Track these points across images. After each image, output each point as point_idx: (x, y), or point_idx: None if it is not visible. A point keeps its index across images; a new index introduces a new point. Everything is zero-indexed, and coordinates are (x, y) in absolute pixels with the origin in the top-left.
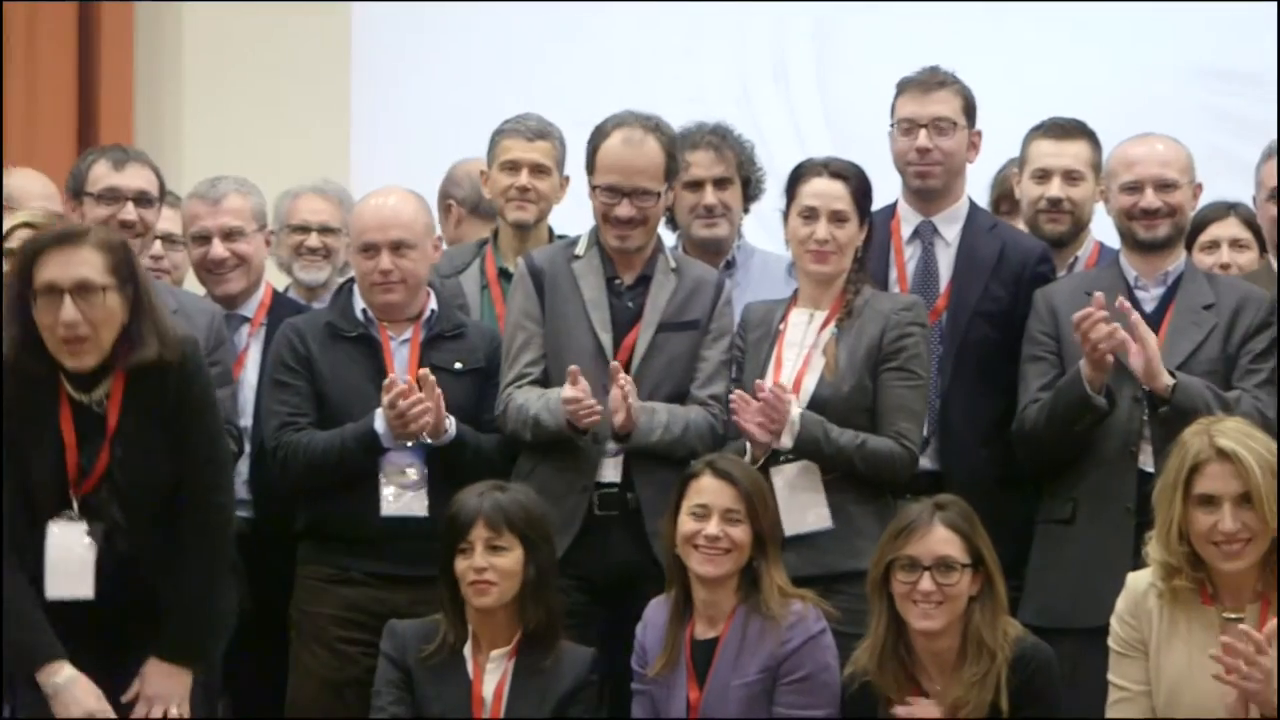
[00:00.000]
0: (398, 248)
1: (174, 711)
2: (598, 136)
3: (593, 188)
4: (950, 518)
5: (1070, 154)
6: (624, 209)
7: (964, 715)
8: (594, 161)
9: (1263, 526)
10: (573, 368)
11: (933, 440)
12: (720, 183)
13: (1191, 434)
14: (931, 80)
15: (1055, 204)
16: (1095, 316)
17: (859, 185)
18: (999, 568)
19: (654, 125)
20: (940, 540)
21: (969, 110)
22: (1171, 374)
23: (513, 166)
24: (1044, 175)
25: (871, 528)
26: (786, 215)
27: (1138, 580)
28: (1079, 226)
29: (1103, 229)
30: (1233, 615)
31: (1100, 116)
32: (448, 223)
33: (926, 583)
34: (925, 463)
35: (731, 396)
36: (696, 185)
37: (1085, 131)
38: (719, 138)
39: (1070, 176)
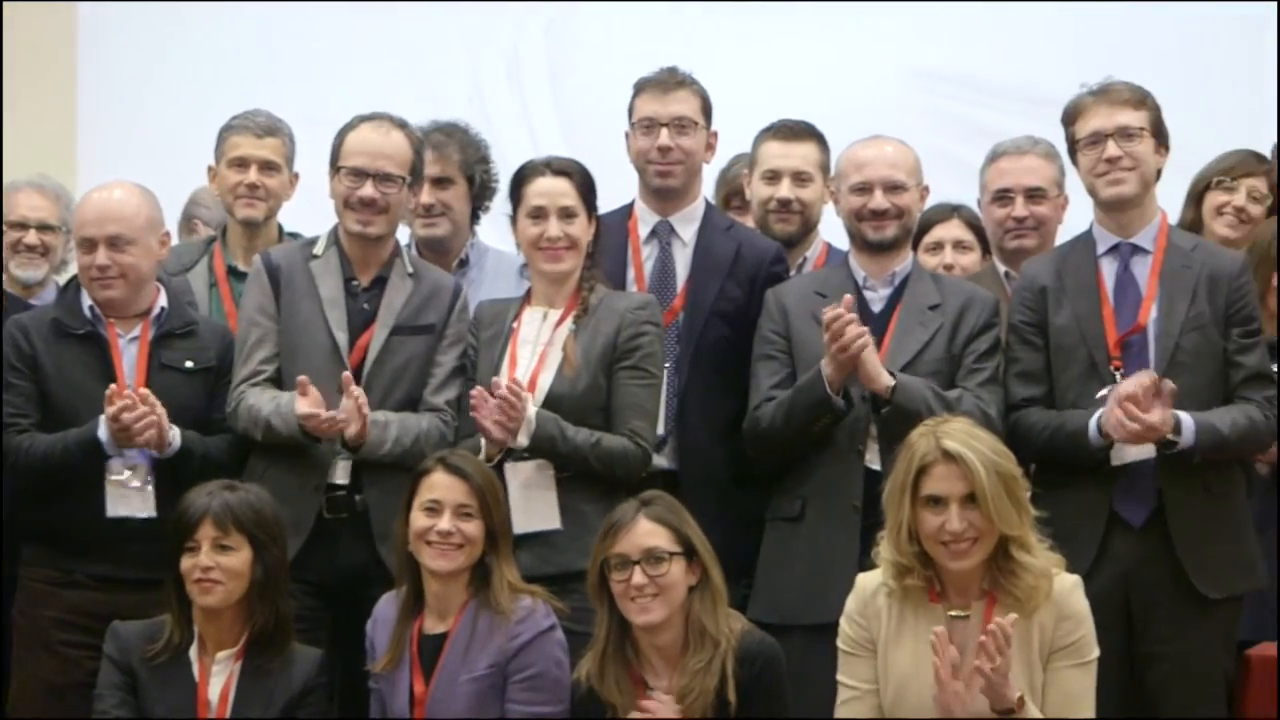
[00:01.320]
0: (115, 242)
1: None
2: (345, 130)
3: (336, 170)
4: (655, 511)
5: (799, 155)
6: (368, 190)
7: (689, 704)
8: (339, 151)
9: (988, 525)
10: (301, 378)
11: (670, 439)
12: (440, 182)
13: (919, 436)
14: (671, 80)
15: (785, 205)
16: (847, 318)
17: (583, 181)
18: (714, 557)
19: (402, 123)
20: (645, 533)
21: (706, 110)
22: (892, 374)
23: (241, 163)
24: (773, 176)
25: None
26: (514, 218)
27: (867, 580)
28: (808, 227)
29: (829, 230)
30: (959, 613)
31: (827, 119)
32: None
33: (638, 576)
34: (663, 461)
35: (472, 393)
36: None
37: (814, 133)
38: (444, 136)
39: (799, 178)
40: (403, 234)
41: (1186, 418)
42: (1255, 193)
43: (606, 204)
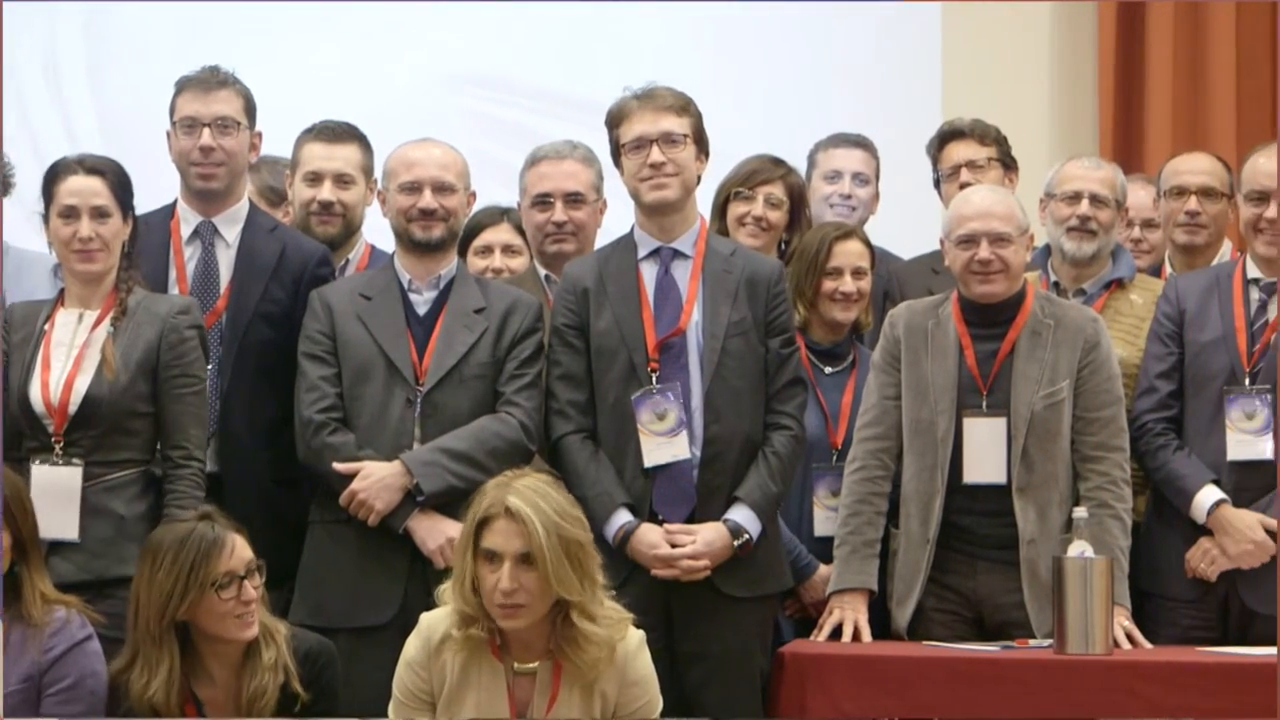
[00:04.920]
0: None
1: None
2: None
3: None
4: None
5: (341, 157)
6: None
7: (263, 705)
8: None
9: (543, 588)
10: None
11: (213, 441)
12: None
13: (492, 486)
14: (213, 80)
15: (326, 207)
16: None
17: (117, 180)
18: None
19: None
20: (245, 546)
21: (250, 110)
22: None
23: None
24: (315, 178)
25: (145, 534)
26: (46, 217)
27: (434, 622)
28: (350, 230)
29: (375, 231)
30: (524, 668)
31: (368, 121)
32: None
33: (248, 591)
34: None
35: None
36: None
37: (356, 135)
38: None
39: (341, 180)
40: None
41: (740, 513)
42: (773, 199)
43: (150, 204)
